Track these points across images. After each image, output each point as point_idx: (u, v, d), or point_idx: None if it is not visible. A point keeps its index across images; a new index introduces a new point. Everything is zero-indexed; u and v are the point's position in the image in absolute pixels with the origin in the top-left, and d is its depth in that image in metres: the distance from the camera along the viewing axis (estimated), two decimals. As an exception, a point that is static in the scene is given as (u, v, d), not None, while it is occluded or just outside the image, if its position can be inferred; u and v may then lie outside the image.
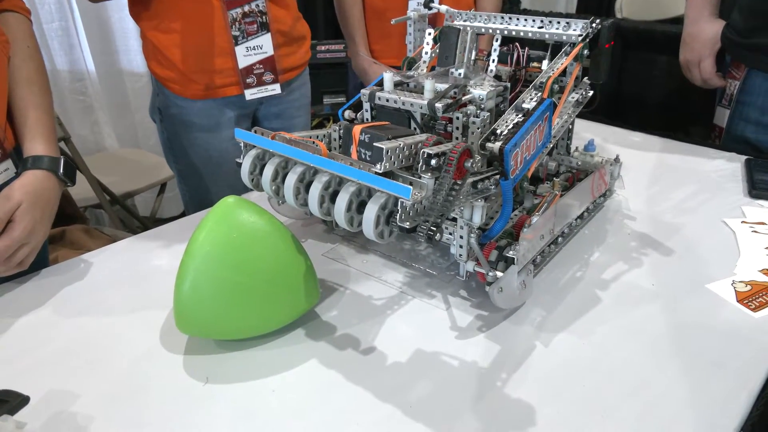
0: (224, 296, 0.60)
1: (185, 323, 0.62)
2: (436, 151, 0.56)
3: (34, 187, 0.77)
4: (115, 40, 2.11)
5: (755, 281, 0.74)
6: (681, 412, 0.55)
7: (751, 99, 1.14)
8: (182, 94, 1.15)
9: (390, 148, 0.58)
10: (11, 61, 0.83)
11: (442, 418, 0.55)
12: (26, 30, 0.87)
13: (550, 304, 0.71)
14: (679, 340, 0.65)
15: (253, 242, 0.61)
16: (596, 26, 0.77)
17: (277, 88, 1.18)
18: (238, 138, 0.68)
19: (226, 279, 0.60)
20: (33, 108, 0.83)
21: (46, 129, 0.83)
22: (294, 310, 0.65)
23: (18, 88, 0.83)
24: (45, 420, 0.55)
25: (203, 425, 0.55)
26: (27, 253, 0.75)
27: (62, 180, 0.81)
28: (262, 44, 1.14)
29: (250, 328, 0.64)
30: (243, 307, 0.61)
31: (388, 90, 0.73)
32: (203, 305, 0.60)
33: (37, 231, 0.76)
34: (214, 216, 0.62)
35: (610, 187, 0.93)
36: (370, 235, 0.56)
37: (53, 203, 0.80)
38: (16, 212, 0.73)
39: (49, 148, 0.81)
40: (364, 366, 0.62)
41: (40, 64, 0.86)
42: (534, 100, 0.69)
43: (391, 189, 0.54)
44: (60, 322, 0.69)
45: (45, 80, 0.86)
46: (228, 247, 0.60)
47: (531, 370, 0.61)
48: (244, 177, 0.68)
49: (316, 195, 0.59)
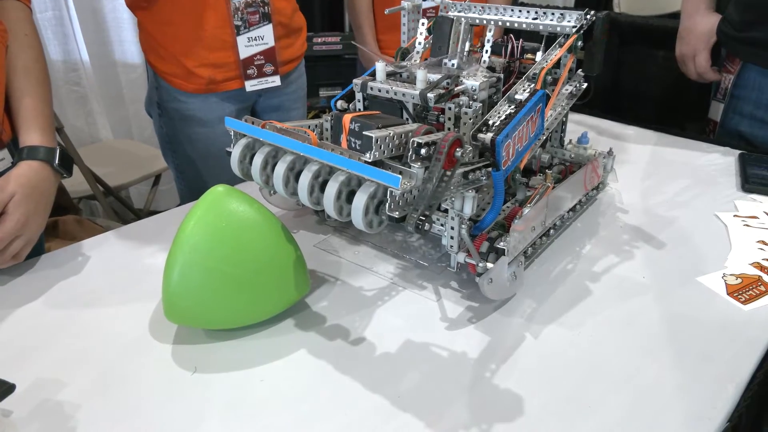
0: (213, 285, 0.60)
1: (174, 312, 0.62)
2: (425, 140, 0.56)
3: (29, 178, 0.76)
4: (109, 31, 2.10)
5: (746, 274, 0.74)
6: (669, 403, 0.55)
7: (746, 93, 1.14)
8: (184, 88, 1.14)
9: (380, 137, 0.57)
10: (8, 50, 0.82)
11: (431, 408, 0.55)
12: (25, 18, 0.86)
13: (541, 295, 0.71)
14: (668, 332, 0.65)
15: (242, 231, 0.61)
16: (590, 18, 0.76)
17: (277, 80, 1.18)
18: (228, 127, 0.68)
19: (215, 268, 0.59)
20: (29, 97, 0.81)
21: (43, 119, 0.82)
22: (283, 300, 0.65)
23: (15, 78, 0.82)
24: (31, 408, 0.55)
25: (191, 414, 0.55)
26: (21, 246, 0.74)
27: (58, 171, 0.80)
28: (264, 35, 1.13)
29: (238, 318, 0.63)
30: (231, 296, 0.61)
31: (380, 80, 0.73)
32: (191, 294, 0.60)
33: (31, 223, 0.75)
34: (203, 205, 0.61)
35: (603, 180, 0.93)
36: (359, 224, 0.56)
37: (49, 195, 0.79)
38: (8, 204, 0.72)
39: (45, 138, 0.80)
40: (354, 356, 0.62)
41: (38, 53, 0.85)
42: (527, 92, 0.69)
43: (380, 178, 0.54)
44: (49, 312, 0.69)
45: (43, 70, 0.85)
46: (216, 236, 0.60)
47: (520, 361, 0.61)
48: (233, 166, 0.68)
49: (306, 184, 0.59)
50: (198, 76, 1.12)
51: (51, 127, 0.82)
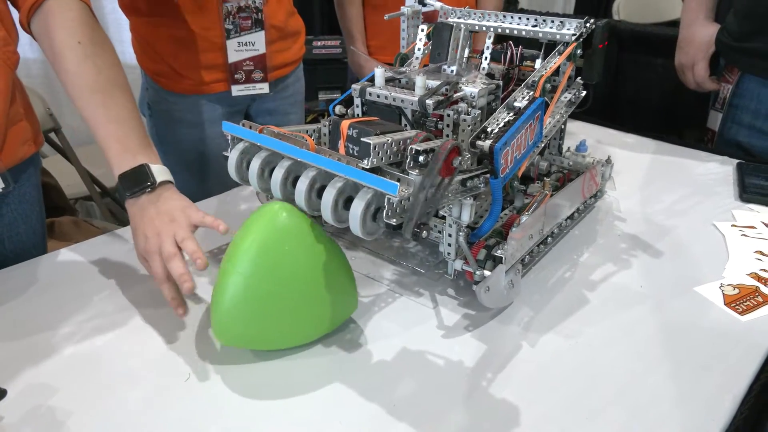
0: (270, 309, 0.58)
1: (226, 334, 0.60)
2: (424, 148, 0.56)
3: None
4: (109, 31, 2.09)
5: (743, 285, 0.74)
6: (666, 415, 0.55)
7: (744, 103, 1.14)
8: (172, 89, 1.13)
9: (377, 144, 0.57)
10: (66, 69, 0.69)
11: (426, 417, 0.55)
12: (76, 20, 0.72)
13: (538, 304, 0.70)
14: (666, 342, 0.64)
15: (300, 252, 0.59)
16: (590, 26, 0.76)
17: (265, 87, 1.17)
18: (226, 131, 0.67)
19: (273, 292, 0.58)
20: (103, 123, 0.70)
21: (123, 141, 0.70)
22: (337, 318, 0.64)
23: (81, 102, 0.70)
24: (22, 414, 0.54)
25: (183, 421, 0.54)
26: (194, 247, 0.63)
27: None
28: (255, 41, 1.13)
29: (292, 339, 0.62)
30: (289, 318, 0.59)
31: (379, 86, 0.73)
32: (247, 318, 0.58)
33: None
34: (260, 224, 0.59)
35: (601, 188, 0.93)
36: (356, 231, 0.56)
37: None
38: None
39: (137, 157, 0.70)
40: (349, 363, 0.61)
41: (101, 64, 0.72)
42: (526, 99, 0.69)
43: (378, 185, 0.53)
44: (42, 315, 0.68)
45: (110, 82, 0.73)
46: (275, 259, 0.58)
47: (517, 370, 0.60)
48: (230, 170, 0.67)
49: (303, 190, 0.59)
50: (186, 77, 1.11)
51: (137, 140, 0.71)
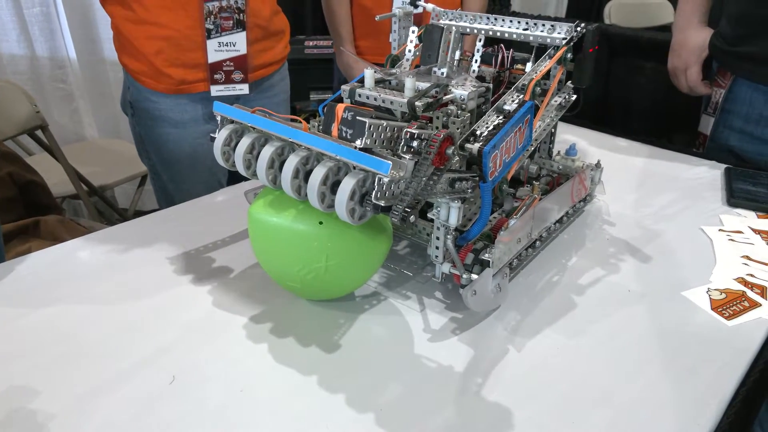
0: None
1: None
2: (418, 133, 0.55)
3: None
4: (98, 28, 2.07)
5: (730, 289, 0.74)
6: (652, 419, 0.55)
7: (736, 107, 1.15)
8: (154, 88, 1.12)
9: (373, 123, 0.56)
10: None
11: (412, 421, 0.54)
12: None
13: (526, 308, 0.70)
14: (653, 346, 0.64)
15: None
16: (581, 30, 0.76)
17: (245, 88, 1.16)
18: (216, 111, 0.66)
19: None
20: None
21: None
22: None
23: None
24: (2, 417, 0.53)
25: (167, 425, 0.54)
26: None
27: None
28: (236, 42, 1.11)
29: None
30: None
31: (368, 87, 0.72)
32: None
33: None
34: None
35: (591, 192, 0.93)
36: (341, 211, 0.55)
37: None
38: None
39: None
40: (335, 367, 0.61)
41: None
42: (515, 102, 0.68)
43: (370, 164, 0.53)
44: (26, 316, 0.67)
45: None
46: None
47: (504, 374, 0.60)
48: (216, 152, 0.66)
49: (291, 168, 0.58)
50: (167, 76, 1.10)
51: None
